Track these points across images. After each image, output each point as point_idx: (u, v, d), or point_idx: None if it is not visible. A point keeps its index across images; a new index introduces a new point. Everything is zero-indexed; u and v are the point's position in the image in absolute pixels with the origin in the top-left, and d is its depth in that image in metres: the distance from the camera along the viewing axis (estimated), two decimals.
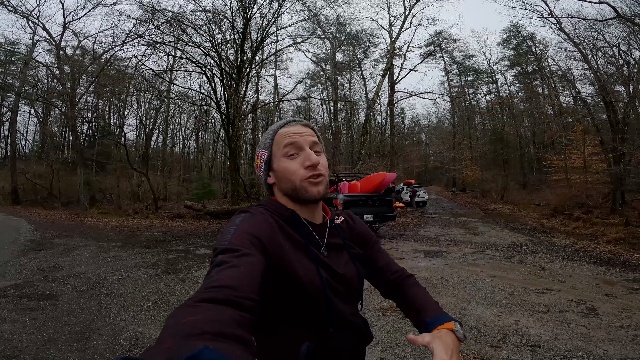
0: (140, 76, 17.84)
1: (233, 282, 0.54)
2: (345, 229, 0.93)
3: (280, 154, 0.82)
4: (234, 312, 0.47)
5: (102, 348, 2.95)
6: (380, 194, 9.13)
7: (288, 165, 0.81)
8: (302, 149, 0.82)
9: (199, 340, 0.37)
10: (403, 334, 3.18)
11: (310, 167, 0.80)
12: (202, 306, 0.47)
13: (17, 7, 17.15)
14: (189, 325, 0.41)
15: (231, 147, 15.85)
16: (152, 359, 0.32)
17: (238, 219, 0.75)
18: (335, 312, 0.78)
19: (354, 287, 0.86)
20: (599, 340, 3.02)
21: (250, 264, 0.61)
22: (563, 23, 16.20)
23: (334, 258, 0.84)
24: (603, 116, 17.92)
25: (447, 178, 41.21)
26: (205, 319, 0.43)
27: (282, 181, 0.83)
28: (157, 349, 0.35)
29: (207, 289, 0.52)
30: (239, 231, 0.69)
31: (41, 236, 9.30)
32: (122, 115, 30.32)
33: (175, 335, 0.39)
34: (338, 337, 0.80)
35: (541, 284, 4.84)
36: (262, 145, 0.86)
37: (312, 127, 0.87)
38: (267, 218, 0.77)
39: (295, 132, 0.83)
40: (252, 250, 0.65)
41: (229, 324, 0.44)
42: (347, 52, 30.24)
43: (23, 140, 32.50)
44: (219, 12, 14.32)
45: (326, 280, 0.78)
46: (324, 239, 0.85)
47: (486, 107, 36.99)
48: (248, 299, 0.52)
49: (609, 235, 8.84)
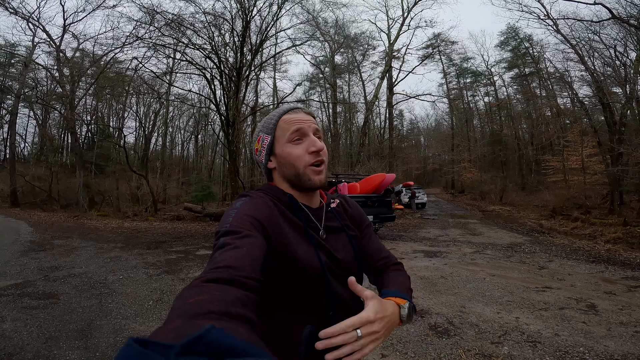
0: (140, 78, 17.85)
1: (236, 263, 0.55)
2: (341, 212, 0.94)
3: (285, 139, 0.83)
4: (239, 292, 0.48)
5: (103, 345, 2.96)
6: (380, 195, 9.14)
7: (292, 151, 0.82)
8: (306, 135, 0.83)
9: (205, 320, 0.38)
10: (404, 330, 3.19)
11: (315, 152, 0.82)
12: (207, 286, 0.48)
13: (18, 9, 17.17)
14: (195, 305, 0.42)
15: (230, 150, 15.85)
16: (161, 338, 0.33)
17: (238, 202, 0.76)
18: (334, 295, 0.78)
19: (353, 269, 0.87)
20: (599, 336, 3.04)
21: (252, 245, 0.62)
22: (559, 24, 16.28)
23: (332, 241, 0.85)
24: (600, 117, 18.00)
25: (446, 180, 41.25)
26: (210, 298, 0.44)
27: (285, 166, 0.84)
28: (166, 329, 0.36)
29: (211, 269, 0.53)
30: (240, 214, 0.70)
31: (41, 237, 9.28)
32: (122, 117, 30.32)
33: (182, 315, 0.40)
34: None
35: (540, 282, 4.86)
36: (265, 129, 0.87)
37: (314, 115, 0.89)
38: (266, 201, 0.79)
39: (301, 119, 0.84)
40: (254, 232, 0.66)
41: (233, 303, 0.45)
42: (346, 55, 30.31)
43: (22, 142, 32.50)
44: (219, 14, 14.37)
45: (325, 263, 0.79)
46: (322, 222, 0.86)
47: (484, 109, 37.12)
48: (251, 278, 0.54)
49: (607, 235, 8.88)
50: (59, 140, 30.85)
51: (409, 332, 3.18)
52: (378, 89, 24.93)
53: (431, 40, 30.33)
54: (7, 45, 21.41)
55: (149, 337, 0.30)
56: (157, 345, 0.27)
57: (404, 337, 3.08)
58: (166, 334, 0.34)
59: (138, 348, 0.26)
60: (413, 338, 3.06)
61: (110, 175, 23.42)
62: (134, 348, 0.26)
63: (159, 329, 0.36)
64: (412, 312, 0.76)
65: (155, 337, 0.33)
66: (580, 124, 20.42)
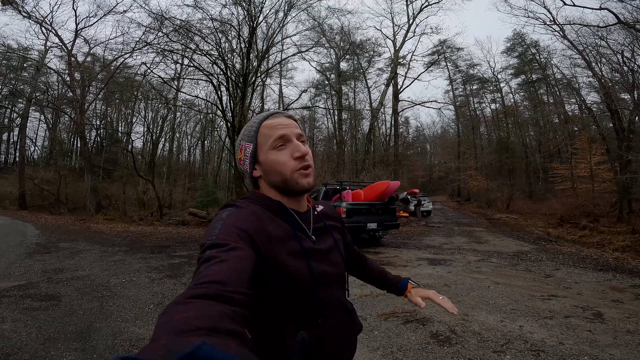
0: (149, 84, 18.09)
1: (222, 277, 0.53)
2: (326, 214, 0.97)
3: (268, 146, 0.82)
4: (225, 307, 0.47)
5: (101, 348, 2.95)
6: (384, 203, 9.09)
7: (277, 157, 0.81)
8: (289, 140, 0.82)
9: (194, 336, 0.37)
10: (404, 339, 3.15)
11: (300, 158, 0.80)
12: (192, 302, 0.46)
13: (32, 13, 17.55)
14: (182, 322, 0.40)
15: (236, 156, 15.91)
16: (150, 355, 0.32)
17: (225, 213, 0.74)
18: (324, 302, 0.78)
19: (340, 271, 0.87)
20: (605, 344, 2.97)
21: (238, 258, 0.60)
22: (566, 30, 16.21)
23: (321, 244, 0.85)
24: (609, 124, 17.78)
25: (451, 188, 40.91)
26: (197, 314, 0.42)
27: (271, 173, 0.82)
28: (154, 346, 0.34)
29: (196, 285, 0.52)
30: (226, 225, 0.68)
31: (47, 240, 9.36)
32: (130, 122, 30.66)
33: (169, 331, 0.39)
34: (327, 326, 0.80)
35: (546, 290, 4.77)
36: (246, 138, 0.85)
37: (295, 118, 0.87)
38: (254, 210, 0.77)
39: (281, 124, 0.82)
40: (241, 243, 0.64)
41: (221, 318, 0.43)
42: (352, 61, 30.40)
43: (32, 146, 33.08)
44: (226, 20, 14.56)
45: (315, 268, 0.78)
46: (310, 225, 0.86)
47: (491, 116, 36.86)
48: (238, 292, 0.52)
49: (615, 243, 8.72)
50: (68, 144, 31.31)
51: (410, 340, 3.13)
52: (383, 95, 24.96)
53: (437, 47, 30.32)
54: (20, 49, 21.81)
55: (136, 355, 0.30)
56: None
57: (404, 345, 3.03)
58: (154, 351, 0.33)
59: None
60: (414, 346, 3.01)
61: (117, 180, 23.66)
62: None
63: (147, 347, 0.34)
64: (416, 282, 1.09)
65: (143, 355, 0.32)
66: (588, 131, 20.17)
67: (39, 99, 23.07)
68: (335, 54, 27.06)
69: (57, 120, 29.34)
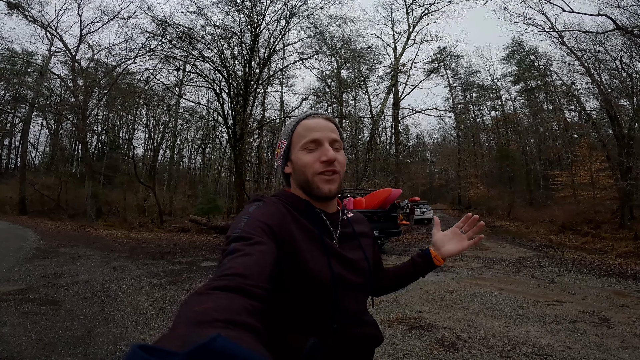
0: (151, 90, 18.19)
1: (245, 270, 0.54)
2: (356, 220, 0.95)
3: (299, 145, 0.82)
4: (245, 301, 0.47)
5: (102, 353, 2.92)
6: (386, 210, 9.07)
7: (304, 157, 0.81)
8: (321, 144, 0.81)
9: (211, 328, 0.37)
10: (409, 345, 3.11)
11: (326, 162, 0.79)
12: (213, 294, 0.47)
13: (37, 18, 17.66)
14: (200, 313, 0.41)
15: (237, 163, 15.85)
16: (167, 345, 0.32)
17: (251, 207, 0.75)
18: (341, 308, 0.76)
19: (362, 282, 0.84)
20: (613, 348, 2.94)
21: (262, 252, 0.60)
22: (565, 37, 16.29)
23: (347, 249, 0.84)
24: (609, 131, 17.81)
25: (452, 196, 40.78)
26: (216, 306, 0.43)
27: (297, 173, 0.83)
28: (171, 335, 0.35)
29: (219, 277, 0.52)
30: (252, 219, 0.69)
31: (47, 245, 9.32)
32: (132, 129, 30.74)
33: (187, 322, 0.39)
34: (342, 335, 0.77)
35: (551, 296, 4.73)
36: (283, 134, 0.87)
37: (334, 121, 0.86)
38: (280, 208, 0.77)
39: (317, 126, 0.82)
40: (265, 238, 0.64)
41: (239, 312, 0.43)
42: (353, 69, 30.58)
43: (34, 151, 33.08)
44: (229, 28, 14.70)
45: (337, 274, 0.76)
46: (337, 229, 0.85)
47: (491, 123, 36.94)
48: (259, 287, 0.52)
49: (618, 249, 8.71)
50: (69, 150, 31.34)
51: (415, 346, 3.09)
52: (384, 103, 25.06)
53: (437, 54, 30.55)
54: (25, 53, 21.87)
55: (153, 343, 0.30)
56: (162, 352, 0.27)
57: (409, 351, 2.99)
58: (171, 340, 0.33)
59: (142, 355, 0.26)
60: (419, 352, 2.97)
61: (118, 186, 23.61)
62: (138, 355, 0.26)
63: (164, 336, 0.35)
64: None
65: (160, 343, 0.32)
66: (588, 137, 20.17)
67: (41, 104, 23.08)
68: (336, 61, 27.25)
69: (59, 126, 29.40)
